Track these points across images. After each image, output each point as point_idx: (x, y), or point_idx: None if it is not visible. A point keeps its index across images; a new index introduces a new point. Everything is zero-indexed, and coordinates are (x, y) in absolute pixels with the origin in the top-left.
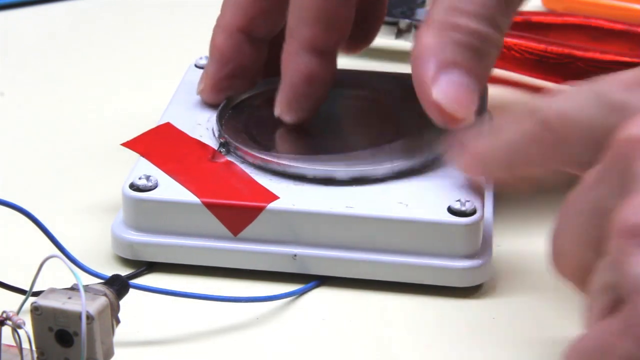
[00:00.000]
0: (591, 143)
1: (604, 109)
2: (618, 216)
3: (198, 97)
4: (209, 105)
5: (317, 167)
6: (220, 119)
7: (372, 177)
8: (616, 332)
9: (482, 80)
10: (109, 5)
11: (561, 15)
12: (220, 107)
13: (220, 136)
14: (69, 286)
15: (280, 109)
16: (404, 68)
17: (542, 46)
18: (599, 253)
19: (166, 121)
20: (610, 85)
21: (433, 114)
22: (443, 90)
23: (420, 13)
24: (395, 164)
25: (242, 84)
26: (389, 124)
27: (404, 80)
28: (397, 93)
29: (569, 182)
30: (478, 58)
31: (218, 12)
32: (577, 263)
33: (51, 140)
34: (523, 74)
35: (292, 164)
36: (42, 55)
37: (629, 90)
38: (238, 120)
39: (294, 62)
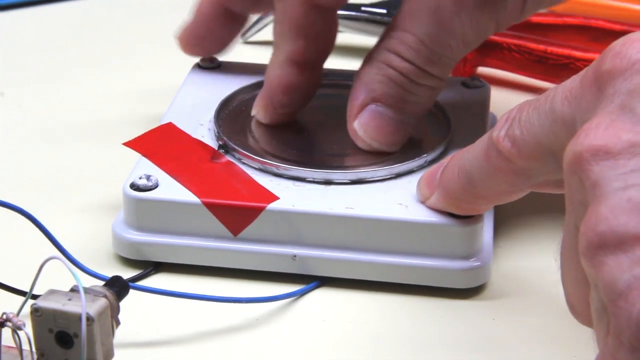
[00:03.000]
0: (553, 162)
1: (553, 126)
2: (580, 235)
3: (200, 98)
4: (212, 105)
5: (315, 170)
6: (217, 120)
7: (370, 179)
8: (612, 348)
9: (408, 116)
10: (109, 5)
11: (561, 15)
12: (217, 108)
13: (219, 138)
14: (69, 287)
15: (257, 111)
16: None
17: (542, 47)
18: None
19: (168, 121)
20: (554, 100)
21: (354, 140)
22: (364, 121)
23: None
24: (393, 166)
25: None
26: None
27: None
28: None
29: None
30: (403, 94)
31: None
32: (587, 307)
33: (51, 140)
34: (523, 74)
35: (290, 166)
36: (42, 55)
37: (572, 103)
38: (237, 121)
39: (275, 72)
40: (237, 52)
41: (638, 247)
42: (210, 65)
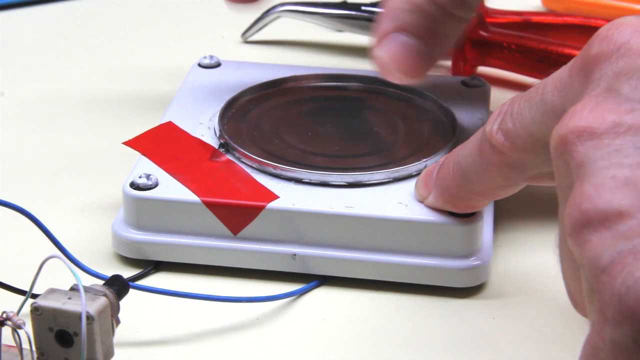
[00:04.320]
0: (546, 153)
1: (544, 117)
2: (566, 216)
3: (201, 97)
4: (212, 104)
5: (312, 171)
6: (222, 119)
7: (367, 182)
8: (598, 326)
9: (434, 47)
10: (109, 4)
11: (561, 15)
12: (222, 108)
13: (220, 136)
14: (68, 286)
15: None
16: None
17: (542, 46)
18: None
19: (168, 120)
20: (544, 91)
21: (377, 68)
22: (388, 49)
23: None
24: (392, 170)
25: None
26: (387, 128)
27: (402, 84)
28: (396, 96)
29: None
30: (432, 25)
31: (222, 13)
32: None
33: (51, 140)
34: (523, 74)
35: (287, 167)
36: (42, 55)
37: (562, 92)
38: (240, 121)
39: None
40: (237, 52)
41: (621, 223)
42: (210, 64)
